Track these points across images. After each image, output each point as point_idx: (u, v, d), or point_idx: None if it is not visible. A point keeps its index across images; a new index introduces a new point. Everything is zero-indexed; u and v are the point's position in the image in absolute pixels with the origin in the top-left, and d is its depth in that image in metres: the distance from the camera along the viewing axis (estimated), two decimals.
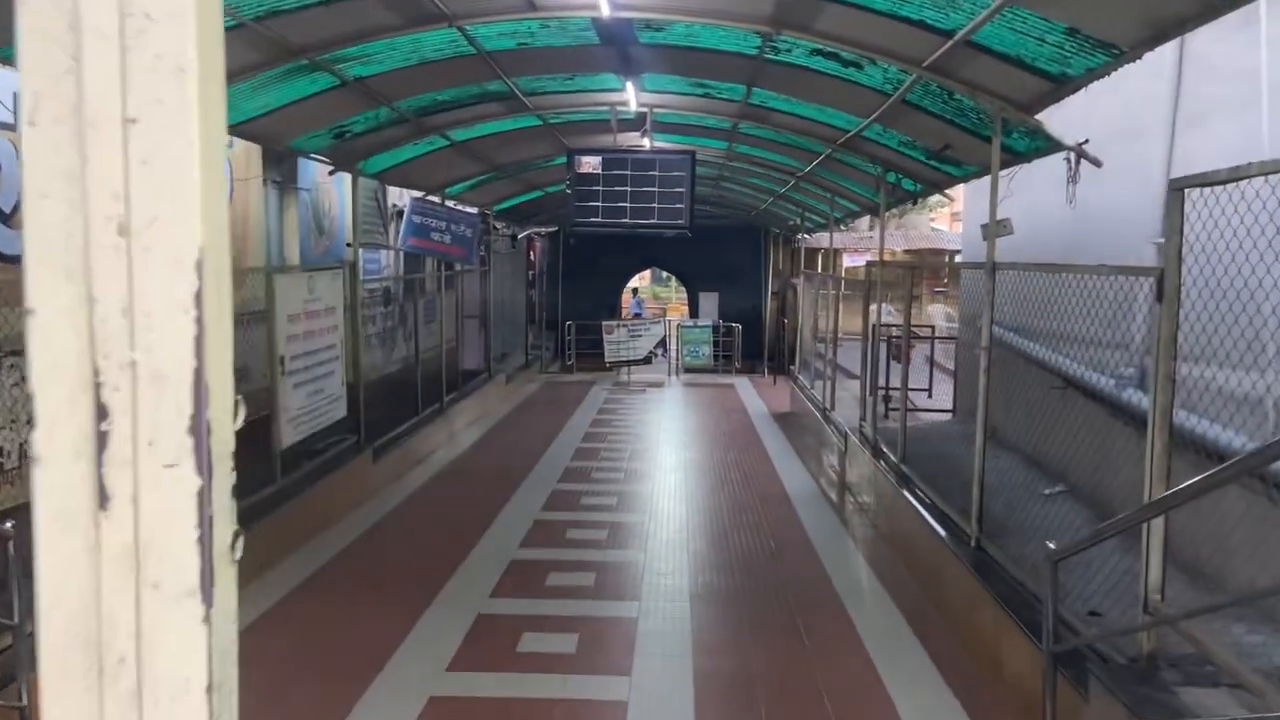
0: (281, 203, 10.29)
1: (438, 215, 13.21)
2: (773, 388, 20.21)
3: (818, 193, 13.93)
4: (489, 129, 10.84)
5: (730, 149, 12.45)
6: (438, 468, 11.82)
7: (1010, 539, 6.67)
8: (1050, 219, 8.26)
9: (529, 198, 17.69)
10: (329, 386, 9.42)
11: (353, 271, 10.21)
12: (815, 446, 13.32)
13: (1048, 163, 7.21)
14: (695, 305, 25.79)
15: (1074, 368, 7.29)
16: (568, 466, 12.01)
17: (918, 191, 10.13)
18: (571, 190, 9.95)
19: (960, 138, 7.56)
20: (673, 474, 11.77)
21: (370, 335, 13.02)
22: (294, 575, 7.54)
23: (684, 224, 9.90)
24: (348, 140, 9.37)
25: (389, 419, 12.11)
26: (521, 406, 17.31)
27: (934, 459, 9.12)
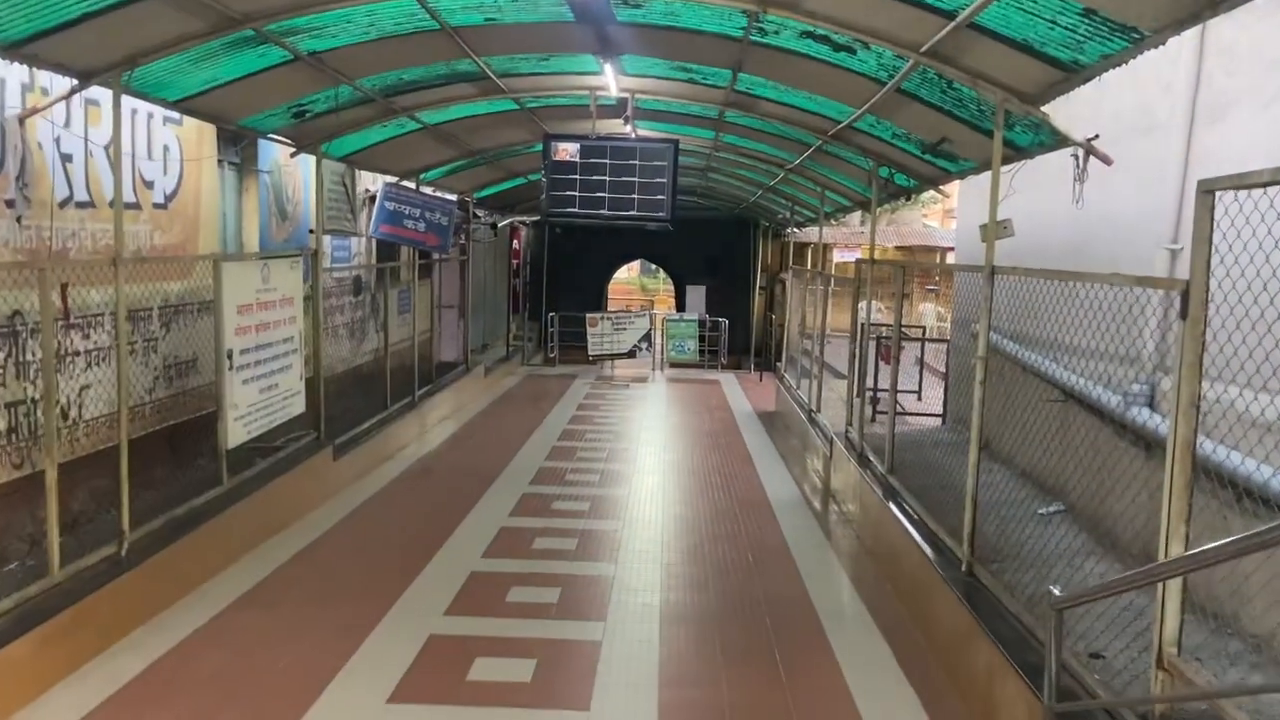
0: (240, 186, 9.72)
1: (411, 201, 12.66)
2: (759, 385, 19.74)
3: (808, 186, 13.43)
4: (463, 112, 10.29)
5: (717, 139, 11.93)
6: (405, 465, 11.30)
7: (1005, 564, 6.21)
8: (1052, 219, 7.78)
9: (511, 185, 17.14)
10: (285, 381, 8.88)
11: (315, 259, 9.66)
12: (799, 449, 12.85)
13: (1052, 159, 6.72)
14: (682, 299, 25.29)
15: (1076, 381, 6.81)
16: (542, 466, 11.50)
17: (911, 188, 9.63)
18: (547, 178, 9.42)
19: (959, 131, 7.06)
20: (651, 476, 11.27)
21: (338, 326, 12.47)
22: (236, 586, 7.02)
23: (665, 216, 9.39)
24: (309, 120, 8.81)
25: (355, 414, 11.59)
26: (500, 400, 16.79)
27: (923, 469, 8.66)
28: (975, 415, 6.03)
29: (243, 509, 7.77)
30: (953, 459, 8.95)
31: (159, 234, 7.99)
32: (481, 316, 20.49)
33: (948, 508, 7.36)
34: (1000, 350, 8.68)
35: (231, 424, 7.80)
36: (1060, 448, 6.94)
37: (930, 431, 10.51)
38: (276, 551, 7.86)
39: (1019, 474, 8.09)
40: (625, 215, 9.42)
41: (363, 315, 13.35)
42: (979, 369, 5.98)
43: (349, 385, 12.81)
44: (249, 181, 9.84)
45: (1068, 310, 5.46)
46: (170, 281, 8.03)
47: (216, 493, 7.60)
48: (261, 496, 8.14)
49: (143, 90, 6.71)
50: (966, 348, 9.86)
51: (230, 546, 7.52)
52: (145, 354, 7.87)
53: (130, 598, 6.15)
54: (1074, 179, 5.58)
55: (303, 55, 7.00)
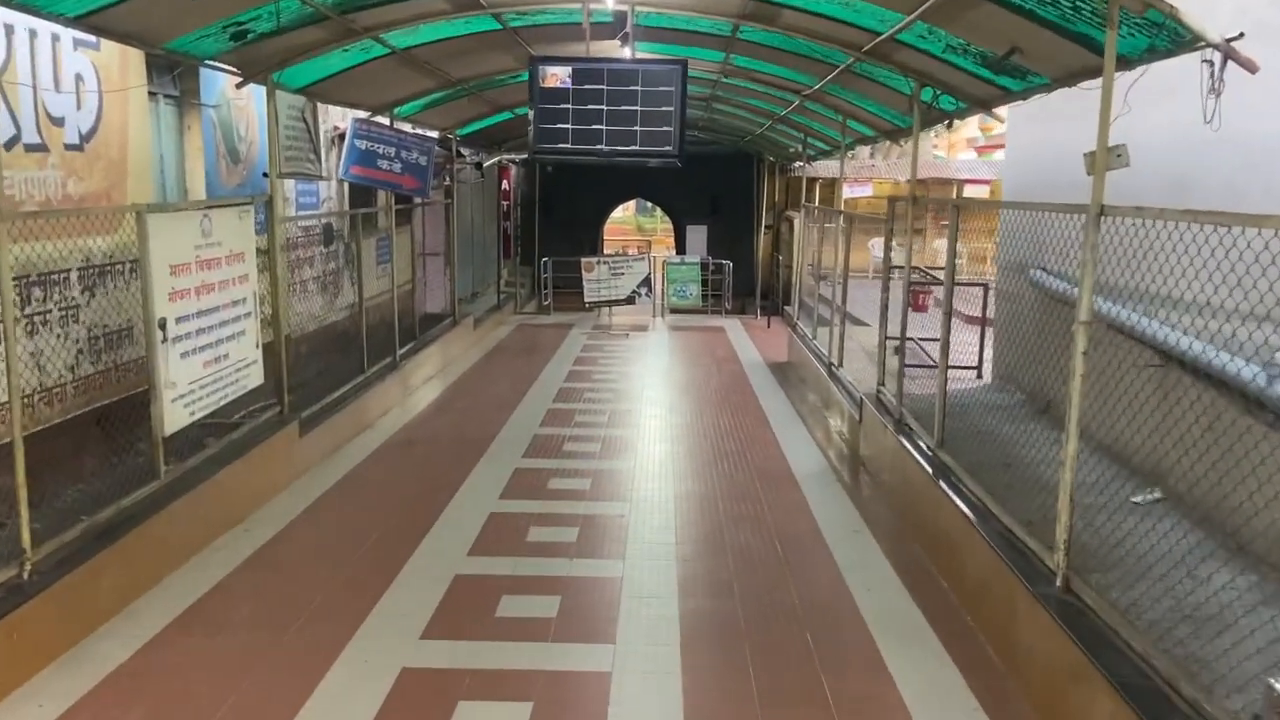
0: (180, 123, 8.40)
1: (385, 139, 11.32)
2: (766, 331, 18.55)
3: (826, 116, 12.07)
4: (436, 33, 8.92)
5: (726, 61, 10.55)
6: (385, 436, 10.14)
7: (1105, 572, 5.07)
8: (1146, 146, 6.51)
9: (497, 120, 15.72)
10: (237, 350, 7.67)
11: (270, 207, 8.37)
12: (820, 408, 11.70)
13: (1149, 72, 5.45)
14: (682, 240, 23.98)
15: (1186, 343, 5.61)
16: (536, 434, 10.35)
17: (958, 111, 8.32)
18: (534, 109, 8.10)
19: (1038, 38, 5.76)
20: (658, 445, 10.12)
21: (308, 280, 11.22)
22: (172, 604, 5.88)
23: (673, 152, 8.10)
24: (253, 43, 7.47)
25: (330, 379, 10.41)
26: (491, 355, 15.59)
27: (976, 441, 7.50)
28: (1073, 395, 4.83)
29: (185, 505, 6.61)
30: (1011, 429, 7.80)
31: (74, 181, 6.70)
32: (470, 263, 19.20)
33: (1017, 493, 6.23)
34: (1062, 297, 7.47)
35: (168, 406, 6.61)
36: (1157, 422, 5.77)
37: (974, 392, 9.35)
38: (226, 555, 6.72)
39: (1095, 448, 6.93)
40: (626, 152, 8.13)
41: (336, 267, 12.08)
42: (1079, 337, 4.77)
43: (323, 346, 11.59)
44: (191, 118, 8.52)
45: (1174, 255, 4.27)
46: (94, 237, 6.78)
47: (152, 488, 6.42)
48: (210, 487, 6.98)
49: (29, 3, 5.39)
50: (1020, 294, 8.66)
51: (168, 553, 6.37)
52: (63, 324, 6.64)
53: (34, 632, 5.01)
54: (1209, 91, 4.31)
55: None
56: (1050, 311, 8.00)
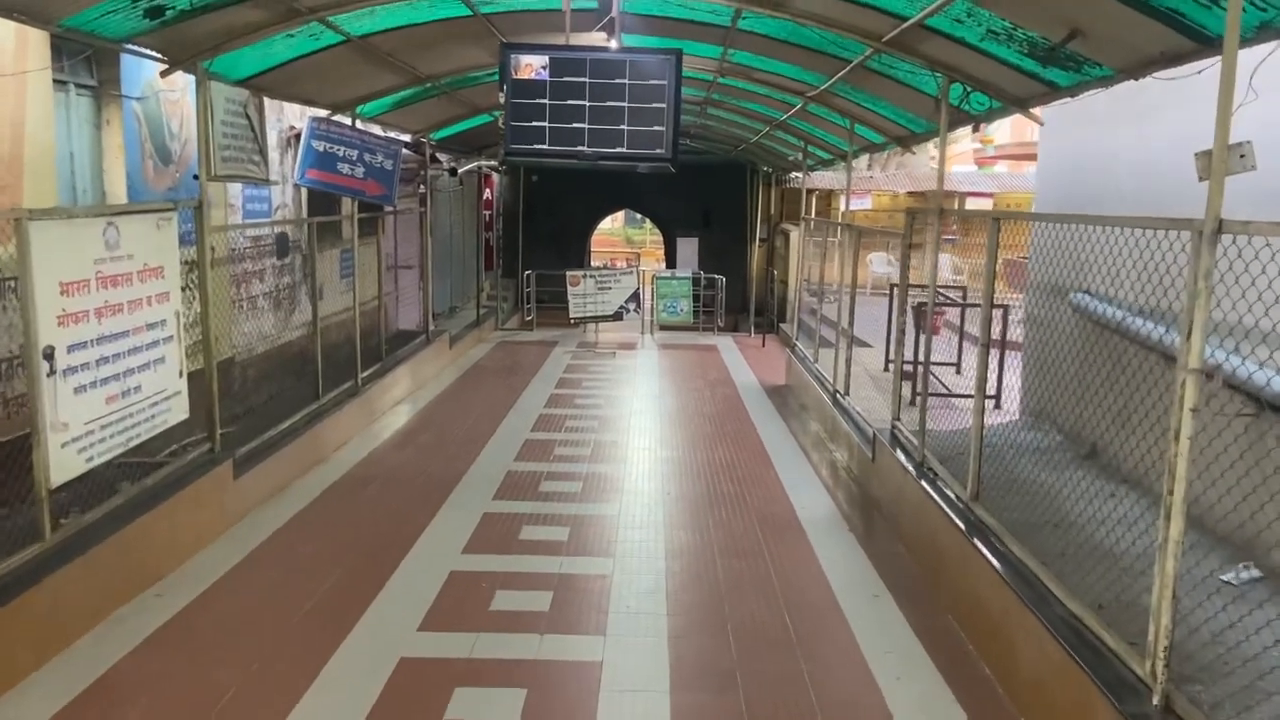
0: (97, 118, 7.32)
1: (347, 140, 10.26)
2: (761, 350, 17.52)
3: (832, 121, 11.05)
4: (395, 18, 7.86)
5: (723, 59, 9.51)
6: (339, 473, 9.02)
7: (1211, 686, 4.01)
8: None
9: (475, 123, 14.66)
10: (153, 381, 6.55)
11: (199, 213, 7.26)
12: (825, 441, 10.64)
13: None
14: (672, 252, 22.94)
15: None
16: (511, 470, 9.25)
17: (989, 113, 7.30)
18: (507, 104, 7.04)
19: (1107, 16, 4.73)
20: (647, 484, 9.04)
21: (257, 297, 10.11)
22: (52, 698, 4.77)
23: (665, 155, 7.04)
24: (176, 24, 6.39)
25: (279, 408, 9.30)
26: (467, 376, 14.48)
27: (1016, 493, 6.45)
28: (1177, 464, 3.76)
29: (79, 570, 5.50)
30: (1053, 477, 6.76)
31: None
32: (448, 276, 18.14)
33: (1073, 562, 5.18)
34: (1116, 326, 6.44)
35: (57, 451, 5.49)
36: (1252, 483, 4.73)
37: (1002, 429, 8.30)
38: (127, 630, 5.60)
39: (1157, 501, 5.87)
40: (611, 155, 7.07)
41: (292, 281, 10.98)
42: (1188, 388, 3.69)
43: (275, 369, 10.50)
44: (110, 112, 7.43)
45: None
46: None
47: (33, 552, 5.31)
48: (114, 544, 5.87)
49: None
50: (1055, 320, 7.63)
51: (51, 633, 5.25)
52: None
53: None
54: None
55: None
56: (1096, 341, 6.97)
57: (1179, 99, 5.75)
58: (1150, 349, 5.92)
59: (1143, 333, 5.99)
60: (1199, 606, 4.54)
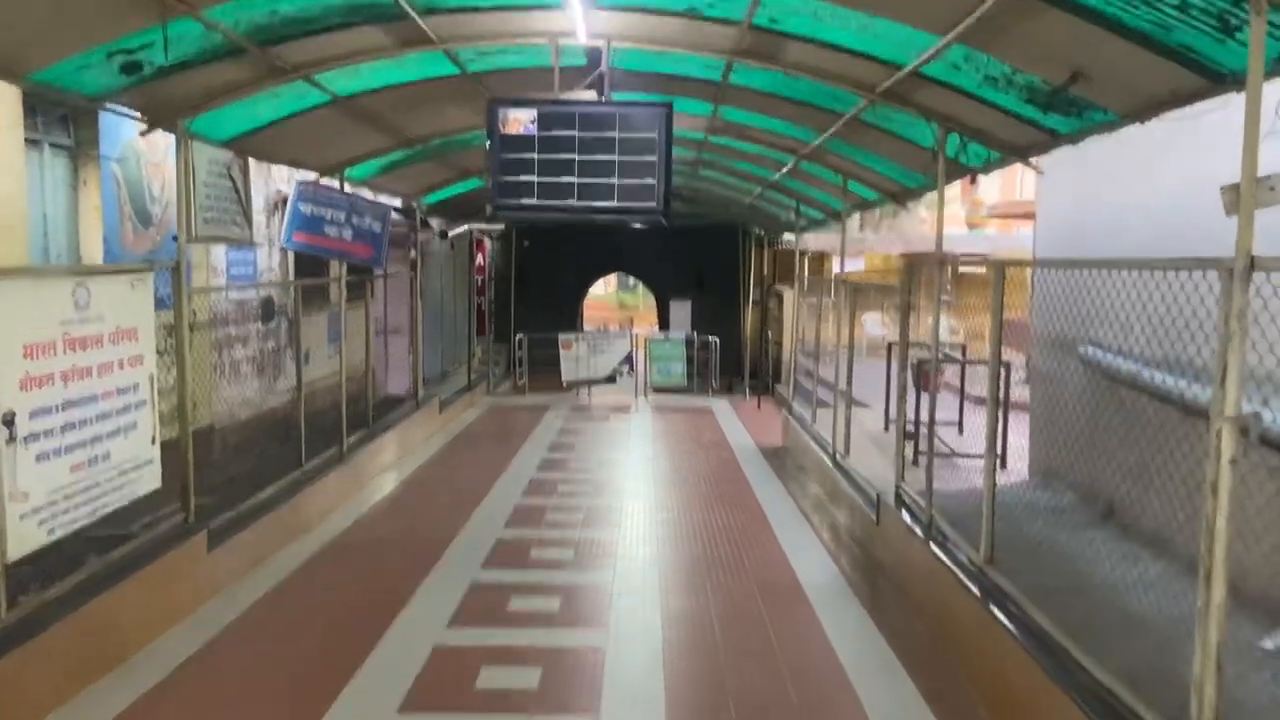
0: (74, 178, 7.13)
1: (334, 203, 10.12)
2: (757, 412, 17.24)
3: (824, 178, 10.95)
4: (383, 77, 7.75)
5: (714, 116, 9.41)
6: (321, 543, 8.66)
7: None
8: None
9: (466, 187, 14.56)
10: (123, 448, 6.25)
11: (177, 275, 7.02)
12: (826, 503, 10.32)
13: None
14: (665, 315, 22.77)
15: None
16: (500, 538, 8.91)
17: (986, 164, 7.14)
18: (494, 159, 6.87)
19: (1112, 56, 4.58)
20: (641, 549, 8.69)
21: (240, 361, 9.85)
22: None
23: (657, 208, 6.86)
24: (154, 81, 6.23)
25: (256, 478, 8.97)
26: (456, 441, 14.15)
27: (1032, 556, 6.14)
28: (1216, 521, 3.46)
29: (38, 651, 5.15)
30: (1069, 539, 6.46)
31: None
32: (439, 340, 17.90)
33: (1098, 630, 4.85)
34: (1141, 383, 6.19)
35: (16, 523, 5.18)
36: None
37: (1011, 490, 8.00)
38: (86, 717, 5.22)
39: (1186, 566, 5.58)
40: (602, 209, 6.88)
41: (277, 345, 10.74)
42: (1225, 438, 3.41)
43: (258, 435, 10.19)
44: (88, 172, 7.25)
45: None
46: None
47: None
48: (76, 623, 5.52)
49: None
50: (1062, 375, 7.38)
51: (8, 718, 4.89)
52: None
53: None
54: None
55: None
56: (1108, 396, 6.72)
57: (1189, 140, 5.60)
58: (1168, 402, 5.67)
59: (1160, 385, 5.74)
60: (1240, 677, 4.22)
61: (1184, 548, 5.91)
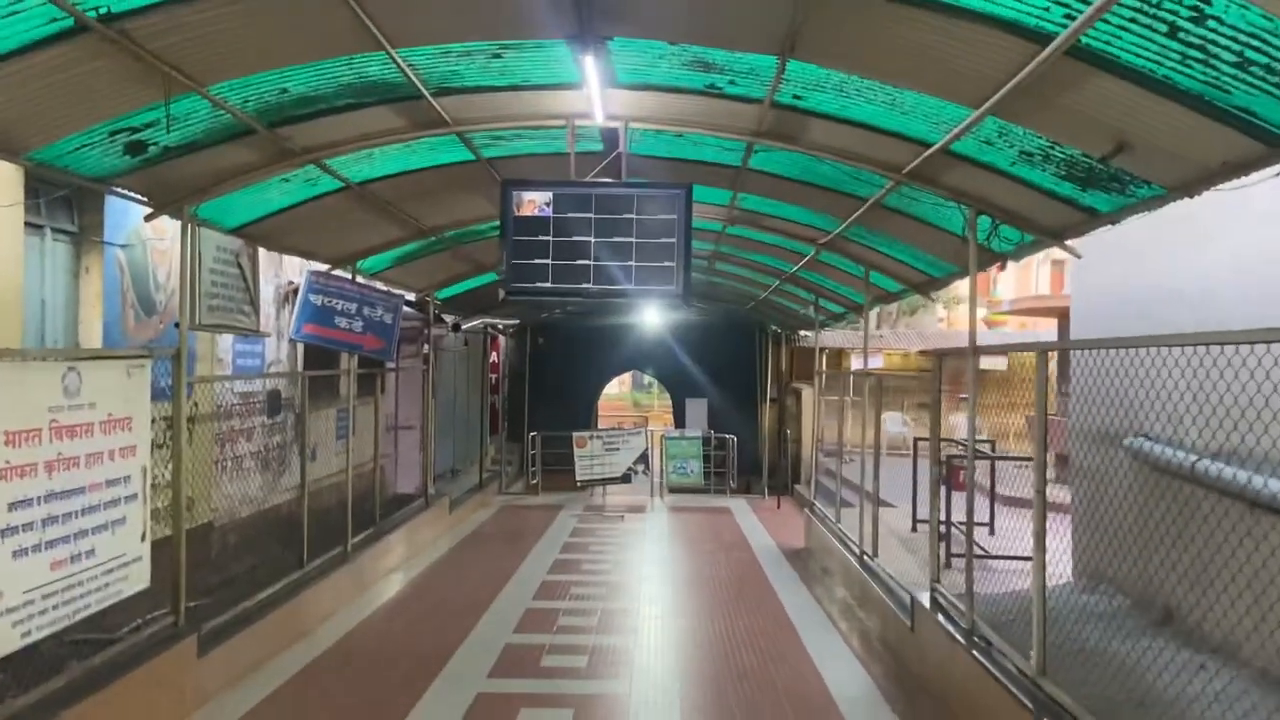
0: (76, 265, 6.94)
1: (345, 294, 9.92)
2: (777, 512, 16.71)
3: (845, 270, 10.71)
4: (395, 163, 7.61)
5: (733, 204, 9.23)
6: (321, 649, 8.16)
7: None
8: None
9: (480, 282, 14.39)
10: (110, 545, 5.88)
11: (178, 363, 6.75)
12: (854, 608, 9.77)
13: None
14: (681, 414, 22.41)
15: None
16: (509, 644, 8.39)
17: (1019, 248, 6.86)
18: (508, 241, 6.64)
19: (1161, 124, 4.32)
20: (661, 658, 8.16)
21: (243, 456, 9.52)
22: None
23: (676, 291, 6.58)
24: (159, 162, 6.07)
25: (255, 578, 8.55)
26: (466, 542, 13.66)
27: (1086, 664, 5.64)
28: None
29: None
30: (1126, 647, 5.94)
31: None
32: (450, 438, 17.56)
33: None
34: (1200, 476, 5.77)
35: None
36: None
37: (1056, 593, 7.49)
38: None
39: (1256, 676, 5.08)
40: (619, 291, 6.62)
41: (283, 441, 10.42)
42: None
43: (261, 534, 9.79)
44: (91, 259, 7.07)
45: None
46: None
47: None
48: None
49: None
50: (1107, 470, 6.96)
51: None
52: None
53: None
54: None
55: (92, 24, 4.28)
56: (1160, 490, 6.29)
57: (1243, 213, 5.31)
58: (1230, 495, 5.25)
59: (1220, 477, 5.32)
60: None
61: (1255, 656, 5.41)
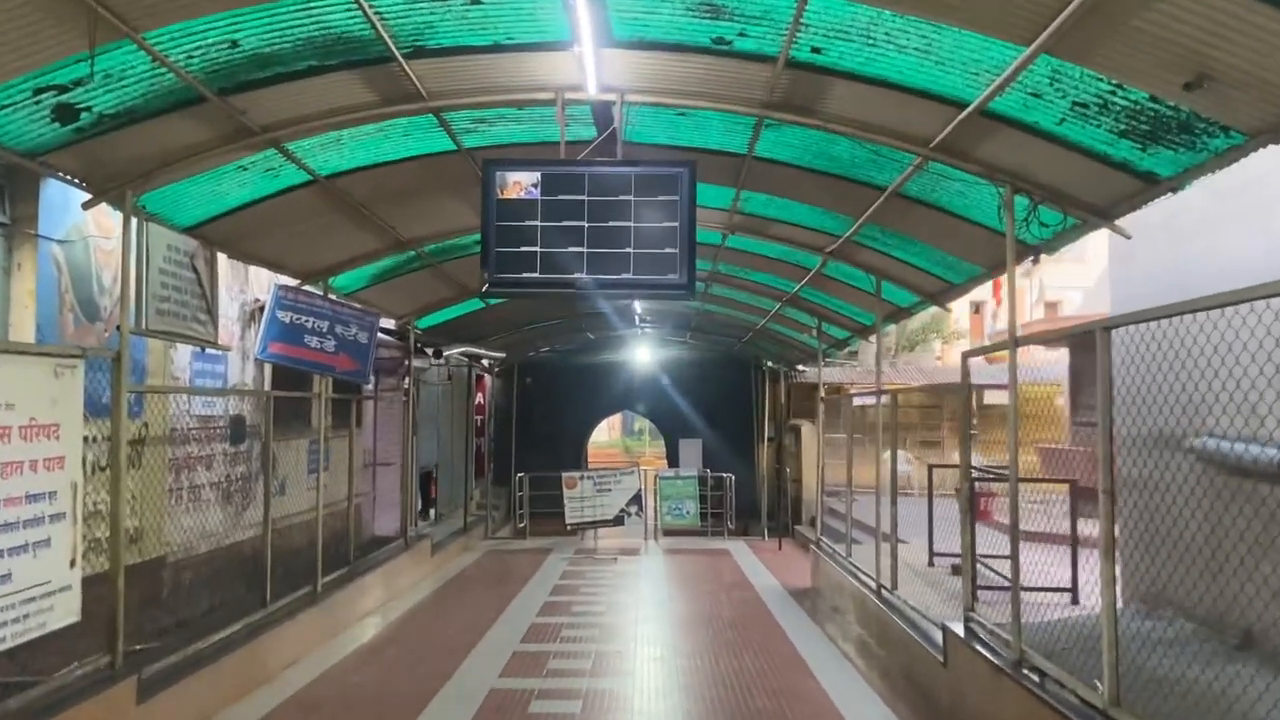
0: (7, 260, 6.19)
1: (316, 311, 9.16)
2: (778, 554, 15.85)
3: (852, 285, 10.03)
4: (366, 149, 6.92)
5: (735, 205, 8.51)
6: (283, 696, 7.29)
7: None
8: None
9: (465, 310, 13.64)
10: (30, 570, 5.05)
11: (117, 369, 5.97)
12: (873, 645, 8.94)
13: None
14: (675, 455, 21.62)
15: None
16: (494, 688, 7.54)
17: (1058, 234, 6.17)
18: (490, 228, 5.92)
19: (1258, 44, 3.67)
20: (661, 703, 7.30)
21: (201, 486, 8.69)
22: None
23: (680, 281, 5.87)
24: (93, 133, 5.36)
25: (220, 618, 7.70)
26: (449, 585, 12.76)
27: (1159, 694, 4.85)
28: None
29: None
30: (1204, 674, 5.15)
31: None
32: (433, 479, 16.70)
33: None
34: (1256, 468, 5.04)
35: None
36: None
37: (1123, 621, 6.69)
38: None
39: None
40: (615, 282, 5.90)
41: (247, 472, 9.58)
42: None
43: (218, 574, 8.93)
44: (23, 254, 6.32)
45: None
46: None
47: None
48: None
49: None
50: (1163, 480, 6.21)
51: None
52: None
53: None
54: None
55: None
56: (1237, 496, 5.55)
57: None
58: None
59: None
60: None
61: None
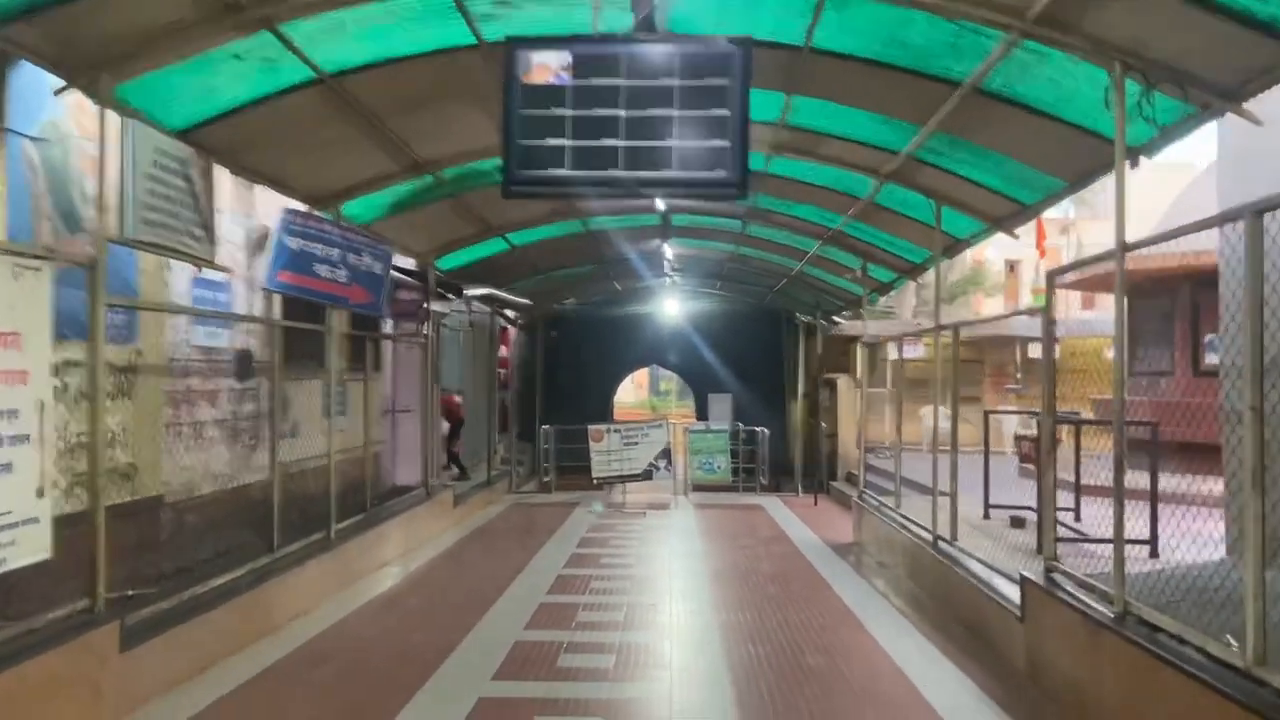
0: None
1: (327, 238, 8.46)
2: (815, 509, 15.13)
3: (906, 214, 9.19)
4: (374, 40, 6.15)
5: (783, 121, 7.72)
6: (289, 648, 6.68)
7: None
8: None
9: (489, 250, 12.91)
10: None
11: (93, 277, 5.29)
12: (930, 600, 8.23)
13: None
14: (704, 411, 20.92)
15: None
16: (519, 641, 6.91)
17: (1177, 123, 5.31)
18: (512, 115, 5.16)
19: None
20: (700, 658, 6.63)
21: (204, 423, 8.06)
22: None
23: (730, 178, 5.10)
24: (61, 3, 4.65)
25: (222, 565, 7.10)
26: (470, 539, 12.13)
27: None
28: None
29: None
30: None
31: None
32: None
33: None
34: None
35: None
36: None
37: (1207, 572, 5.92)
38: None
39: None
40: (656, 180, 5.14)
41: (255, 411, 8.95)
42: None
43: (225, 518, 8.32)
44: None
45: None
46: None
47: None
48: None
49: None
50: None
51: None
52: None
53: None
54: None
55: None
56: None
57: None
58: None
59: None
60: None
61: None
